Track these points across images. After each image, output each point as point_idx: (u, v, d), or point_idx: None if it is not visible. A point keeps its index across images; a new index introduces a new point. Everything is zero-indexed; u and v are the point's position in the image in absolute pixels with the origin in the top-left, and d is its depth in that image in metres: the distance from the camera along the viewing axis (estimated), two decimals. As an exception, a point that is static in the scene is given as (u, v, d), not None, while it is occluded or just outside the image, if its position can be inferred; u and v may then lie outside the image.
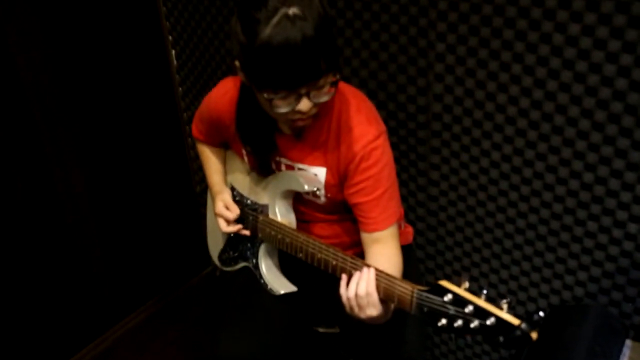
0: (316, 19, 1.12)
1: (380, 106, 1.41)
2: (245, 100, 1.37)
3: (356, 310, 1.20)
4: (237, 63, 1.23)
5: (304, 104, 1.20)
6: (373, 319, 1.20)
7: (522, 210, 1.59)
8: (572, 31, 1.33)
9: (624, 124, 1.35)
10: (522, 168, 1.54)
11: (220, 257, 1.72)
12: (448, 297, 1.00)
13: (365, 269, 1.19)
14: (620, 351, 1.46)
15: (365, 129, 1.33)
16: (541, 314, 0.90)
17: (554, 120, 1.44)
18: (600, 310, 1.50)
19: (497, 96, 1.50)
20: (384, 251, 1.36)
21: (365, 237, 1.37)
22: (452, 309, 1.00)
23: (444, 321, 1.01)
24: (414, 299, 1.07)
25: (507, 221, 1.64)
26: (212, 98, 1.51)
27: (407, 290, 1.08)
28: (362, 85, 1.71)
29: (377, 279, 1.16)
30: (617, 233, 1.46)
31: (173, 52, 2.28)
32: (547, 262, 1.61)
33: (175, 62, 2.30)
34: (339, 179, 1.40)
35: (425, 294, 1.04)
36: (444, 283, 1.02)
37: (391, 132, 1.62)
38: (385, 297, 1.15)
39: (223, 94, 1.47)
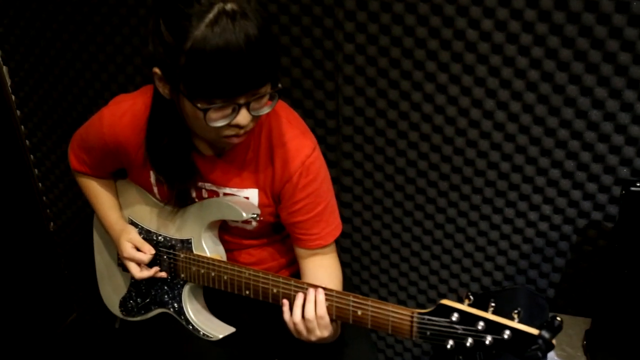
0: (257, 16, 0.98)
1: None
2: (159, 119, 1.17)
3: (304, 333, 1.14)
4: (157, 71, 1.03)
5: (243, 117, 1.05)
6: (324, 340, 1.14)
7: (440, 206, 1.61)
8: (485, 26, 1.36)
9: (537, 112, 1.41)
10: (439, 164, 1.55)
11: (123, 306, 1.47)
12: (455, 317, 0.95)
13: (311, 290, 1.12)
14: (546, 326, 1.55)
15: (301, 142, 1.22)
16: (558, 318, 0.89)
17: (470, 114, 1.46)
18: (526, 291, 1.57)
19: (411, 95, 1.49)
20: (324, 262, 1.29)
21: (303, 252, 1.28)
22: (460, 329, 0.94)
23: (451, 343, 0.95)
24: (415, 324, 0.99)
25: (425, 218, 1.64)
26: (104, 122, 1.27)
27: (405, 315, 1.00)
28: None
29: (358, 304, 1.06)
30: (532, 216, 1.54)
31: (6, 68, 1.91)
32: (467, 252, 1.65)
33: (9, 80, 1.93)
34: (273, 200, 1.27)
35: (427, 316, 0.98)
36: (447, 302, 0.96)
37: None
38: (374, 327, 1.06)
39: (120, 116, 1.25)
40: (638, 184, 1.28)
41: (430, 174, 1.57)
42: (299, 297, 1.13)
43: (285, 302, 1.15)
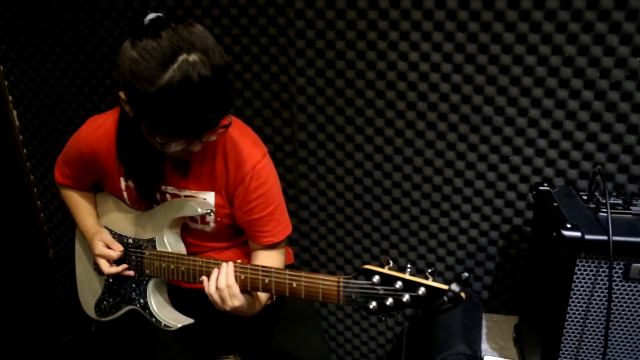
0: (216, 62, 0.97)
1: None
2: (127, 129, 1.16)
3: (220, 303, 1.11)
4: (122, 95, 1.03)
5: (196, 146, 1.07)
6: (239, 310, 1.12)
7: (385, 219, 1.58)
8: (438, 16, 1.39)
9: (461, 130, 1.42)
10: (381, 180, 1.55)
11: (97, 307, 1.41)
12: (376, 279, 0.91)
13: (223, 264, 1.11)
14: (481, 321, 1.49)
15: (252, 150, 1.22)
16: (466, 274, 0.86)
17: (405, 135, 1.48)
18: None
19: (355, 120, 1.50)
20: (272, 254, 1.26)
21: (255, 246, 1.26)
22: (381, 289, 0.90)
23: (374, 304, 0.91)
24: (341, 289, 0.95)
25: (372, 230, 1.61)
26: (81, 136, 1.26)
27: (333, 282, 0.96)
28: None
29: (291, 277, 1.02)
30: (464, 224, 1.51)
31: (15, 112, 1.92)
32: (410, 259, 1.60)
33: (17, 122, 1.93)
34: (229, 202, 1.24)
35: (352, 281, 0.94)
36: (369, 266, 0.93)
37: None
38: (308, 296, 1.01)
39: (95, 130, 1.24)
40: (545, 184, 1.28)
41: (375, 189, 1.56)
42: (214, 272, 1.12)
43: (204, 278, 1.13)
